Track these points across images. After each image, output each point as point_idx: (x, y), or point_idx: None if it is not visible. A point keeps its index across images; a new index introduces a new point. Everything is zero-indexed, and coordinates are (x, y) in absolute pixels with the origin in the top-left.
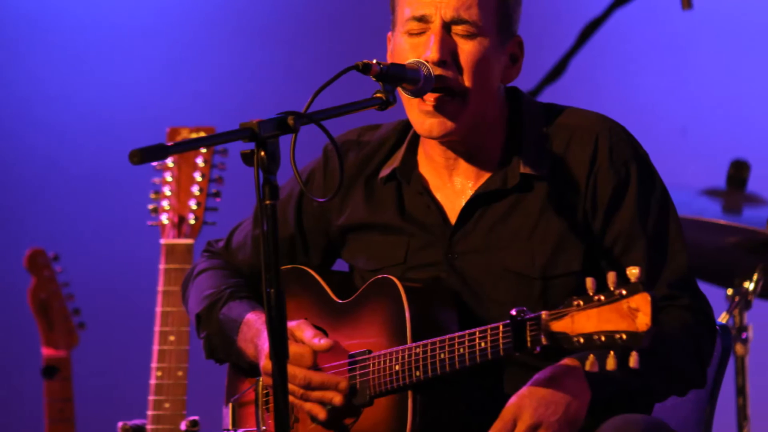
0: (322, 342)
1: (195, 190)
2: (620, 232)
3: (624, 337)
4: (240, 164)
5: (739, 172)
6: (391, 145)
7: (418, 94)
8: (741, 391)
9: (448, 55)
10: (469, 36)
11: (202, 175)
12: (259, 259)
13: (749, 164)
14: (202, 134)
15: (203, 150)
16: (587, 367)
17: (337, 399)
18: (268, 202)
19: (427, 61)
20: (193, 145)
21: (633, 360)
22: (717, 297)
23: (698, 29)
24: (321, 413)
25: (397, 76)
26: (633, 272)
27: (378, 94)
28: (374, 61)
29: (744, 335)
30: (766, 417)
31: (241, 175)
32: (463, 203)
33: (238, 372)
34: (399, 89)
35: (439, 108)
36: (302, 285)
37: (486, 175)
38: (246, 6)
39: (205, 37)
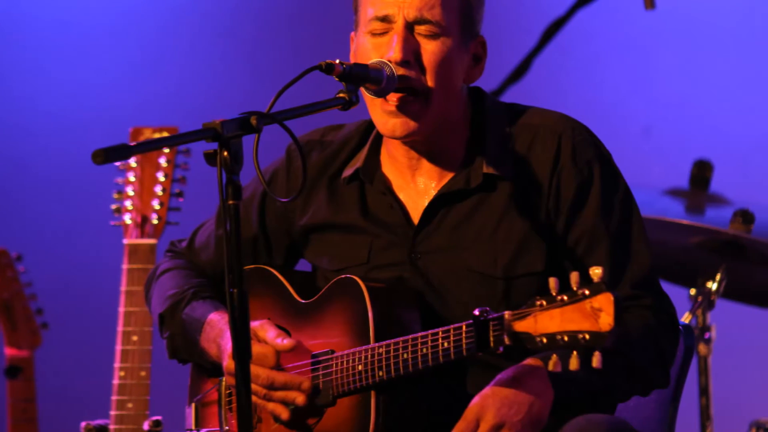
0: (285, 342)
1: (158, 190)
2: (583, 232)
3: (587, 337)
4: (203, 164)
5: (702, 172)
6: (354, 145)
7: (381, 94)
8: (704, 391)
9: (411, 55)
10: (432, 36)
11: (165, 175)
12: (222, 259)
13: (712, 164)
14: (165, 134)
15: (166, 150)
16: (550, 367)
17: (299, 399)
18: (231, 202)
19: (390, 61)
20: (156, 145)
21: (596, 360)
22: (680, 297)
23: (661, 29)
24: (284, 413)
25: (360, 76)
26: (596, 272)
27: (341, 94)
28: (337, 61)
29: (707, 335)
30: (729, 417)
31: (204, 175)
32: (426, 203)
33: (201, 372)
34: (362, 89)
35: (402, 108)
36: (265, 285)
37: (449, 175)
38: (209, 6)
39: (168, 37)
